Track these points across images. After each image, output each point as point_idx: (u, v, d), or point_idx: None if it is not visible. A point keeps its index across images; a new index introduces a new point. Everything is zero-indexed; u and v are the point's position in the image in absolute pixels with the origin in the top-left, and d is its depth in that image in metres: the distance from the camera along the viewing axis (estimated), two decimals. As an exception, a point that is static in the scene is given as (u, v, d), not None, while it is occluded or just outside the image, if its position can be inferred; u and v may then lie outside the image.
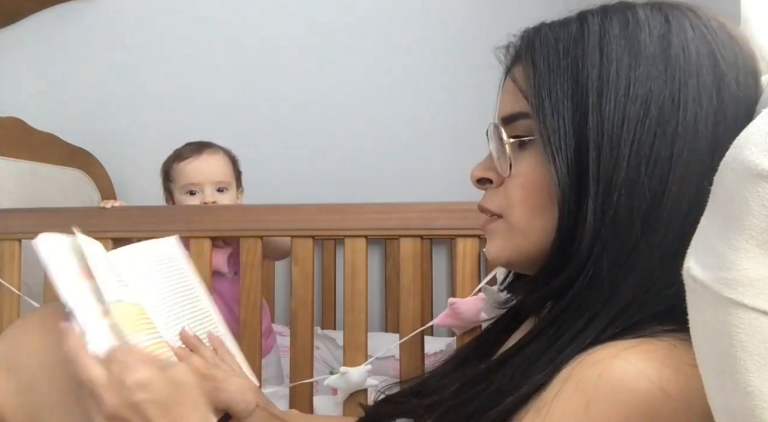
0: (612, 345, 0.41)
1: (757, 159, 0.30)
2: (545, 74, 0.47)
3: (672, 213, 0.44)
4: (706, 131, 0.44)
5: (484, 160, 0.55)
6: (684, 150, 0.44)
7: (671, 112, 0.44)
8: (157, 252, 0.75)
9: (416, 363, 1.00)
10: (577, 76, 0.46)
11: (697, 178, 0.43)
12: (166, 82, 1.91)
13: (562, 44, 0.48)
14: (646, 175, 0.44)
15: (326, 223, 1.04)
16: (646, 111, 0.44)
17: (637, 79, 0.45)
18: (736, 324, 0.30)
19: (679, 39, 0.45)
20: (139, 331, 0.62)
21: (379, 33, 1.83)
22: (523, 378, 0.44)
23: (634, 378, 0.37)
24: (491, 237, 0.54)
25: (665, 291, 0.43)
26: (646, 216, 0.44)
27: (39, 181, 1.59)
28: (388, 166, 1.80)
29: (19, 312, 1.10)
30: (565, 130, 0.46)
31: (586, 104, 0.45)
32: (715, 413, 0.33)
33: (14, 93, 1.94)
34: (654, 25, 0.46)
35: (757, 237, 0.30)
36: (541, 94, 0.47)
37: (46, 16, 1.95)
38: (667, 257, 0.43)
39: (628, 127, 0.44)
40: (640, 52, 0.45)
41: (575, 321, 0.45)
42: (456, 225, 0.98)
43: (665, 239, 0.44)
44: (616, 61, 0.45)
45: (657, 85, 0.44)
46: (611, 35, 0.46)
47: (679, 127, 0.44)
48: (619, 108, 0.44)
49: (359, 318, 1.01)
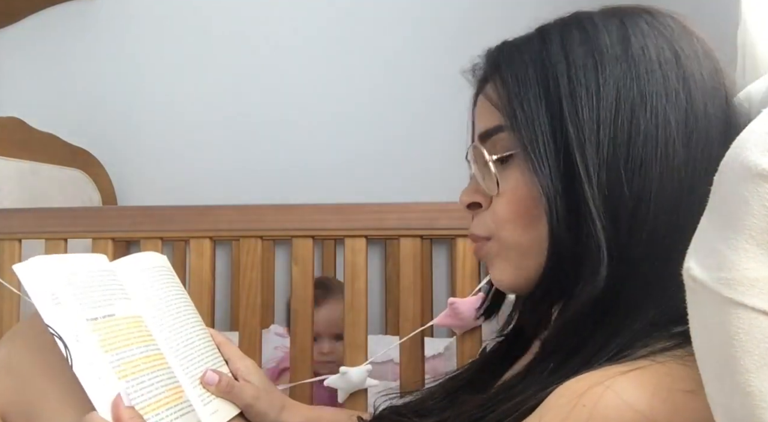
0: (601, 372, 0.40)
1: (757, 159, 0.30)
2: (515, 87, 0.48)
3: (657, 212, 0.44)
4: (676, 124, 0.44)
5: (469, 184, 0.56)
6: (658, 145, 0.44)
7: (641, 109, 0.45)
8: (153, 265, 0.75)
9: (416, 363, 1.00)
10: (547, 85, 0.47)
11: (676, 175, 0.44)
12: (166, 81, 1.91)
13: (527, 56, 0.49)
14: (627, 176, 0.44)
15: (326, 223, 1.04)
16: (618, 111, 0.45)
17: (605, 80, 0.45)
18: (736, 324, 0.30)
19: (637, 38, 0.46)
20: (128, 346, 0.61)
21: (380, 33, 1.83)
22: (519, 406, 0.44)
23: (619, 409, 0.37)
24: (490, 262, 0.54)
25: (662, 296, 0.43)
26: (632, 217, 0.44)
27: (39, 181, 1.59)
28: (388, 166, 1.80)
29: (19, 312, 1.10)
30: (544, 138, 0.46)
31: (561, 111, 0.46)
32: (715, 413, 0.33)
33: (14, 93, 1.94)
34: (611, 29, 0.47)
35: (757, 237, 0.30)
36: (513, 105, 0.48)
37: (46, 16, 1.95)
38: (660, 260, 0.43)
39: (603, 128, 0.45)
40: (603, 55, 0.46)
41: (572, 344, 0.45)
42: (456, 225, 0.98)
43: (653, 240, 0.44)
44: (582, 67, 0.46)
45: (624, 84, 0.45)
46: (573, 43, 0.47)
47: (651, 122, 0.44)
48: (593, 111, 0.45)
49: (359, 318, 1.01)
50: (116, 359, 0.59)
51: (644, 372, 0.39)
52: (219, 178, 1.86)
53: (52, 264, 0.61)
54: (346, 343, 1.02)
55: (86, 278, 0.63)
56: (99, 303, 0.62)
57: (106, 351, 0.58)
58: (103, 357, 0.58)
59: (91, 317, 0.60)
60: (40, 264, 0.60)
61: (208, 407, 0.67)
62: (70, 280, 0.61)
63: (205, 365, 0.71)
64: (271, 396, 0.73)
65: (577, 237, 0.45)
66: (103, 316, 0.61)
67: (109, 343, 0.59)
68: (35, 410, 0.61)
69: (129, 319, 0.64)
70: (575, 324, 0.45)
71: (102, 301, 0.63)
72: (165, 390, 0.62)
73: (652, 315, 0.43)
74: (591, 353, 0.43)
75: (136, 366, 0.60)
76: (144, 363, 0.62)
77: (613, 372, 0.39)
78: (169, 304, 0.72)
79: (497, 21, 1.69)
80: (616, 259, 0.44)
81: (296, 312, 1.04)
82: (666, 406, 0.36)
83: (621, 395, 0.37)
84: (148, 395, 0.59)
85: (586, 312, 0.45)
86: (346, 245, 1.03)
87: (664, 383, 0.38)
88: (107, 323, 0.61)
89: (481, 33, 0.81)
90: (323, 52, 1.85)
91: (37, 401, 0.61)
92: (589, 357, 0.43)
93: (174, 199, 1.41)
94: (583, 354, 0.43)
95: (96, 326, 0.59)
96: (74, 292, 0.60)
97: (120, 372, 0.58)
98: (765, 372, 0.29)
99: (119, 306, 0.64)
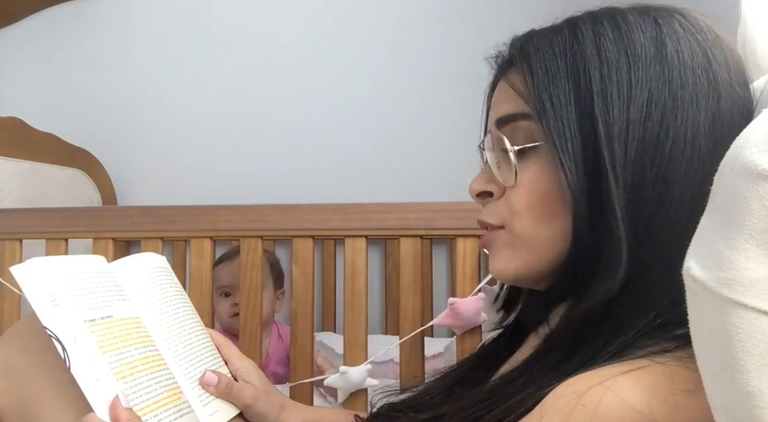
0: (600, 371, 0.40)
1: (757, 159, 0.30)
2: (543, 78, 0.47)
3: (676, 217, 0.43)
4: (705, 131, 0.44)
5: (481, 172, 0.54)
6: (685, 151, 0.44)
7: (672, 113, 0.44)
8: (152, 266, 0.75)
9: (416, 363, 1.00)
10: (578, 80, 0.46)
11: (699, 180, 0.43)
12: (166, 81, 1.91)
13: (558, 48, 0.47)
14: (650, 178, 0.44)
15: (326, 223, 1.04)
16: (648, 113, 0.44)
17: (637, 81, 0.45)
18: (736, 324, 0.30)
19: (672, 40, 0.45)
20: (127, 347, 0.61)
21: (380, 33, 1.83)
22: (519, 405, 0.43)
23: (619, 409, 0.36)
24: (495, 250, 0.52)
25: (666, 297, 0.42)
26: (651, 219, 0.44)
27: (39, 181, 1.59)
28: (388, 166, 1.80)
29: (19, 312, 1.10)
30: (572, 134, 0.45)
31: (592, 108, 0.45)
32: (715, 413, 0.33)
33: (14, 93, 1.94)
34: (645, 27, 0.46)
35: (757, 237, 0.30)
36: (542, 97, 0.46)
37: (46, 16, 1.95)
38: (671, 263, 0.43)
39: (633, 128, 0.44)
40: (637, 54, 0.45)
41: (576, 342, 0.44)
42: (456, 225, 0.98)
43: (668, 244, 0.43)
44: (615, 64, 0.45)
45: (656, 87, 0.44)
46: (606, 38, 0.46)
47: (681, 127, 0.44)
48: (623, 111, 0.44)
49: (359, 317, 1.01)
50: (114, 360, 0.59)
51: (644, 372, 0.38)
52: (219, 178, 1.86)
53: (49, 265, 0.61)
54: (346, 343, 1.02)
55: (84, 279, 0.63)
56: (97, 305, 0.62)
57: (104, 353, 0.58)
58: (101, 358, 0.58)
59: (89, 318, 0.60)
60: (37, 266, 0.60)
61: (207, 408, 0.67)
62: (67, 282, 0.61)
63: (204, 366, 0.70)
64: (271, 396, 0.73)
65: (598, 237, 0.45)
66: (101, 318, 0.61)
67: (107, 344, 0.59)
68: (32, 411, 0.61)
69: (127, 320, 0.64)
70: (582, 323, 0.45)
71: (100, 303, 0.63)
72: (163, 391, 0.62)
73: (654, 317, 0.43)
74: (592, 352, 0.43)
75: (135, 368, 0.60)
76: (142, 365, 0.61)
77: (613, 372, 0.39)
78: (167, 305, 0.72)
79: (498, 21, 1.69)
80: (630, 260, 0.44)
81: (296, 312, 1.04)
82: (666, 406, 0.36)
83: (621, 395, 0.37)
84: (146, 396, 0.59)
85: (597, 311, 0.44)
86: (346, 245, 1.03)
87: (664, 383, 0.38)
88: (105, 324, 0.61)
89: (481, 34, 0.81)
90: (323, 52, 1.85)
91: (35, 402, 0.61)
92: (590, 356, 0.43)
93: (174, 199, 1.41)
94: (584, 353, 0.43)
95: (94, 327, 0.59)
96: (72, 294, 0.60)
97: (118, 373, 0.58)
98: (765, 372, 0.29)
99: (117, 307, 0.64)
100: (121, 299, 0.66)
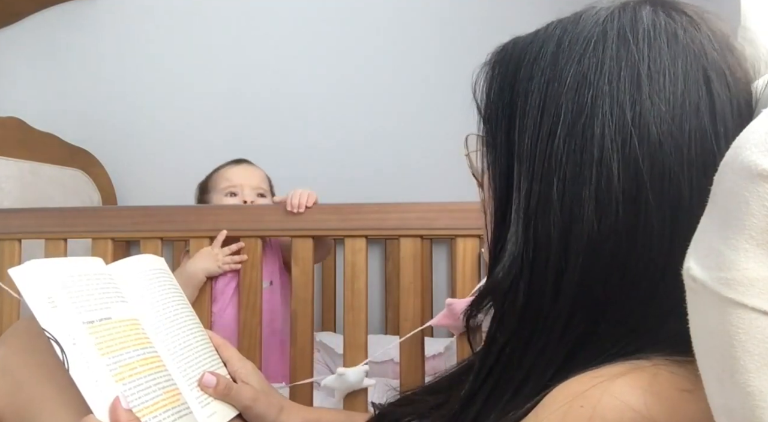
0: (597, 372, 0.39)
1: (757, 159, 0.30)
2: (491, 88, 0.50)
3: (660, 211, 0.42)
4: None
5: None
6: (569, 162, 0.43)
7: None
8: (151, 268, 0.75)
9: (416, 363, 1.00)
10: (512, 102, 0.47)
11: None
12: (166, 81, 1.91)
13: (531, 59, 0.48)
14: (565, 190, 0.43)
15: (326, 223, 1.04)
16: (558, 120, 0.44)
17: (551, 95, 0.44)
18: (736, 324, 0.30)
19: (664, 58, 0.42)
20: (125, 349, 0.61)
21: (380, 33, 1.83)
22: (511, 400, 0.44)
23: (618, 409, 0.36)
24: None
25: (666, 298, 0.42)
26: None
27: (39, 181, 1.59)
28: (388, 166, 1.80)
29: (19, 312, 1.10)
30: (500, 139, 0.48)
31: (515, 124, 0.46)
32: (715, 413, 0.33)
33: (14, 93, 1.94)
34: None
35: (757, 237, 0.30)
36: (489, 105, 0.50)
37: (46, 16, 1.95)
38: (659, 261, 0.42)
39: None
40: (561, 76, 0.44)
41: (559, 343, 0.44)
42: (456, 225, 0.98)
43: (657, 240, 0.42)
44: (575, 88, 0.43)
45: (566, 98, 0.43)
46: (571, 61, 0.44)
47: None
48: (536, 121, 0.45)
49: (359, 317, 1.01)
50: (113, 362, 0.59)
51: (641, 372, 0.38)
52: (219, 178, 1.86)
53: (48, 267, 0.61)
54: (346, 343, 1.02)
55: (82, 281, 0.63)
56: (95, 307, 0.62)
57: (102, 354, 0.58)
58: (100, 360, 0.58)
59: (87, 320, 0.60)
60: (36, 268, 0.60)
61: (206, 409, 0.67)
62: (66, 284, 0.61)
63: (202, 367, 0.70)
64: (270, 397, 0.73)
65: (507, 251, 0.46)
66: (100, 319, 0.61)
67: (105, 346, 0.59)
68: (31, 413, 0.61)
69: (126, 322, 0.64)
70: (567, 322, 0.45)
71: (98, 304, 0.63)
72: (162, 393, 0.62)
73: (653, 317, 0.43)
74: (592, 355, 0.43)
75: (133, 369, 0.60)
76: (141, 366, 0.61)
77: (610, 372, 0.39)
78: (166, 307, 0.72)
79: (498, 22, 1.69)
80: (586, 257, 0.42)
81: (296, 312, 1.04)
82: (664, 406, 0.36)
83: (619, 395, 0.37)
84: (145, 398, 0.59)
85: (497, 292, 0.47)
86: (346, 245, 1.03)
87: (662, 382, 0.37)
88: (104, 326, 0.61)
89: (482, 34, 0.81)
90: (324, 52, 1.85)
91: (33, 404, 0.61)
92: (591, 357, 0.43)
93: (174, 199, 1.41)
94: (581, 356, 0.43)
95: (92, 329, 0.59)
96: (70, 295, 0.60)
97: (117, 375, 0.58)
98: (765, 372, 0.29)
99: (116, 309, 0.64)
100: (119, 301, 0.66)
